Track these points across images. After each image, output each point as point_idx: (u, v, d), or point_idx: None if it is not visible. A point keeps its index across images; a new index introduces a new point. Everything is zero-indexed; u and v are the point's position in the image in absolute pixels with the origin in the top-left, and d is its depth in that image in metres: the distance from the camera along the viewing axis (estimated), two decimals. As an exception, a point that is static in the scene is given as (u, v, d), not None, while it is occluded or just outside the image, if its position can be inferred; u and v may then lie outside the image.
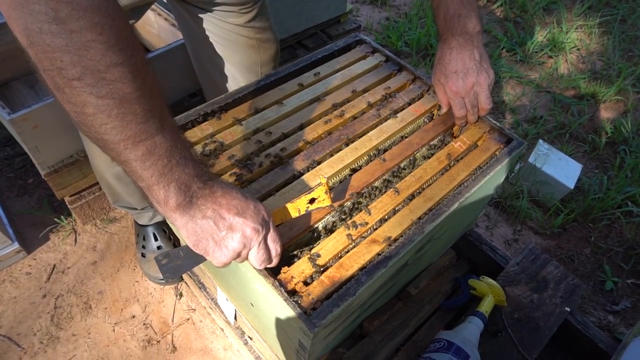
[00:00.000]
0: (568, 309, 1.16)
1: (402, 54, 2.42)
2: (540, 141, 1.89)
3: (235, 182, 0.84)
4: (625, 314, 1.63)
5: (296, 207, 0.78)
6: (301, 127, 0.96)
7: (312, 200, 0.78)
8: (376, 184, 0.91)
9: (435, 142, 1.01)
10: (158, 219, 1.42)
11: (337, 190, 0.86)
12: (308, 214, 0.81)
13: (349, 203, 0.87)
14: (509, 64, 2.47)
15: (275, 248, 0.70)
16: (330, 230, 0.86)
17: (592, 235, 1.83)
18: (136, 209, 1.34)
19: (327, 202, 0.80)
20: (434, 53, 2.40)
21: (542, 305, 1.16)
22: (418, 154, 0.98)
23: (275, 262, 0.71)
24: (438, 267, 1.17)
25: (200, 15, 1.08)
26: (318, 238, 0.84)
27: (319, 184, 0.77)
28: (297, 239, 0.81)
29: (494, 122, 1.01)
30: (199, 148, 0.88)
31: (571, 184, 1.77)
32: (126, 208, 1.36)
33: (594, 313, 1.63)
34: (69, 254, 1.53)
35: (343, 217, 0.87)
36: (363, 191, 0.88)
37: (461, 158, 0.95)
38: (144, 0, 0.93)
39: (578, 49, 2.63)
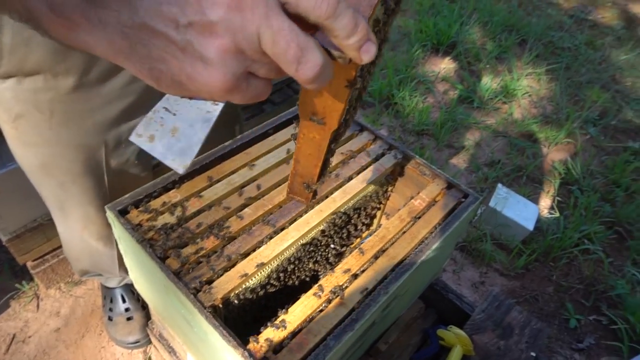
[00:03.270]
0: (534, 354, 1.19)
1: (365, 104, 2.53)
2: (499, 185, 1.98)
3: (203, 250, 0.85)
4: (590, 351, 1.68)
5: None
6: (268, 191, 0.99)
7: None
8: None
9: None
10: (127, 280, 1.39)
11: None
12: None
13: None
14: (467, 110, 2.61)
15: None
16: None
17: (554, 274, 1.90)
18: (103, 275, 1.32)
19: None
20: (397, 102, 2.52)
21: (509, 351, 1.19)
22: None
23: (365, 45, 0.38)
24: (407, 320, 1.19)
25: None
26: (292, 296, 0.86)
27: None
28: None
29: (452, 179, 1.07)
30: (167, 216, 0.90)
31: (530, 226, 1.85)
32: (93, 276, 1.34)
33: (560, 352, 1.67)
34: (31, 322, 1.47)
35: None
36: None
37: (421, 215, 1.00)
38: None
39: (529, 95, 2.80)
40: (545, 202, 2.18)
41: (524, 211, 1.90)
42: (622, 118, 2.75)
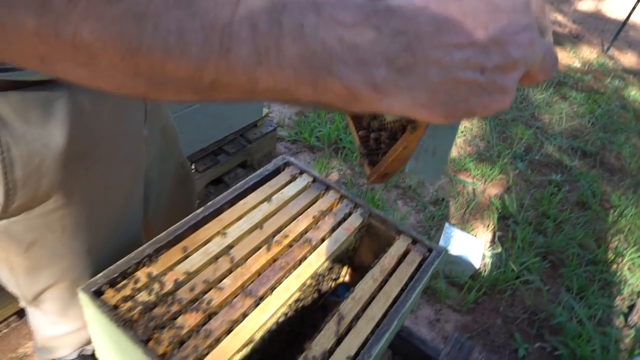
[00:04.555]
0: (496, 392, 1.27)
1: (315, 148, 2.60)
2: (447, 224, 2.11)
3: (185, 328, 0.85)
4: (538, 379, 1.81)
5: None
6: (245, 259, 1.00)
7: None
8: None
9: None
10: (85, 352, 1.30)
11: None
12: None
13: None
14: (409, 151, 2.76)
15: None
16: None
17: (501, 305, 2.04)
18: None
19: None
20: (345, 146, 2.61)
21: (474, 392, 1.26)
22: None
23: None
24: (379, 371, 1.23)
25: None
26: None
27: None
28: None
29: (416, 234, 1.14)
30: (144, 294, 0.88)
31: (478, 262, 1.98)
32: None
33: (514, 382, 1.78)
34: (-29, 407, 1.34)
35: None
36: None
37: (392, 272, 1.05)
38: None
39: (464, 134, 3.03)
40: (487, 236, 2.34)
41: (470, 247, 2.03)
42: (544, 152, 3.05)
